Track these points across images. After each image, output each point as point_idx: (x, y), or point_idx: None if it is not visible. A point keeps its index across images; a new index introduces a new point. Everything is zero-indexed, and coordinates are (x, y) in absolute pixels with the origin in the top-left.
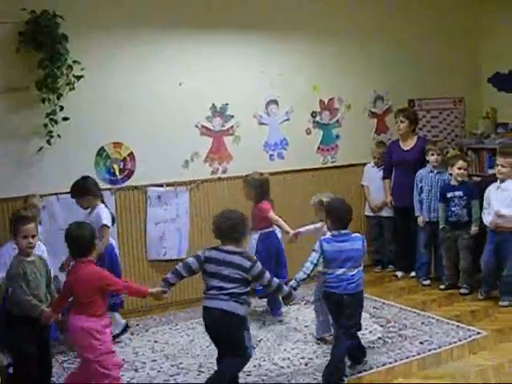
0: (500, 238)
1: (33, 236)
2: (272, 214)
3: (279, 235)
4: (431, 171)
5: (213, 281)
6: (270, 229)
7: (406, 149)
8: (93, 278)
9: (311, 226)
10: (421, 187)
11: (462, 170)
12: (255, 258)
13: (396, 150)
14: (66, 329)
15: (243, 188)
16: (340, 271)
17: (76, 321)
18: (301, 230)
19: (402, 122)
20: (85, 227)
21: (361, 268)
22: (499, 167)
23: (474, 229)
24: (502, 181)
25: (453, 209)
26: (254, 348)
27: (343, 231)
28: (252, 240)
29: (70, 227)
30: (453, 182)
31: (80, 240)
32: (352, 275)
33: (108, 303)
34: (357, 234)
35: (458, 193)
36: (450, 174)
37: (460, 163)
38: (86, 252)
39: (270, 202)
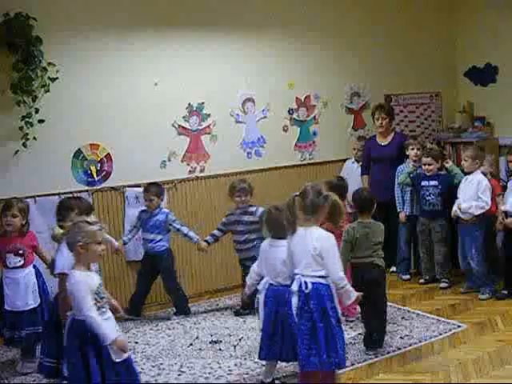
0: (464, 231)
1: None
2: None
3: None
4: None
5: None
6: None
7: (383, 144)
8: None
9: None
10: None
11: (426, 166)
12: None
13: (374, 146)
14: None
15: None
16: None
17: None
18: None
19: (383, 118)
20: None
21: None
22: (462, 161)
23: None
24: (469, 173)
25: (427, 198)
26: None
27: None
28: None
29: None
30: (427, 172)
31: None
32: None
33: None
34: None
35: (433, 182)
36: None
37: (423, 160)
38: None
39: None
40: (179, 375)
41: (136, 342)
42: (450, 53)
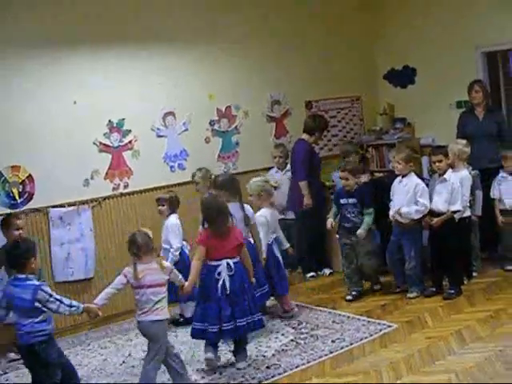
0: (401, 232)
1: None
2: None
3: None
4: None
5: None
6: None
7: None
8: None
9: None
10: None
11: (343, 181)
12: None
13: (316, 154)
14: None
15: None
16: None
17: None
18: None
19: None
20: None
21: None
22: (395, 164)
23: (359, 231)
24: (404, 175)
25: (348, 215)
26: None
27: None
28: None
29: None
30: (346, 187)
31: None
32: None
33: None
34: None
35: (352, 200)
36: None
37: (340, 174)
38: None
39: None
40: None
41: None
42: (368, 56)
